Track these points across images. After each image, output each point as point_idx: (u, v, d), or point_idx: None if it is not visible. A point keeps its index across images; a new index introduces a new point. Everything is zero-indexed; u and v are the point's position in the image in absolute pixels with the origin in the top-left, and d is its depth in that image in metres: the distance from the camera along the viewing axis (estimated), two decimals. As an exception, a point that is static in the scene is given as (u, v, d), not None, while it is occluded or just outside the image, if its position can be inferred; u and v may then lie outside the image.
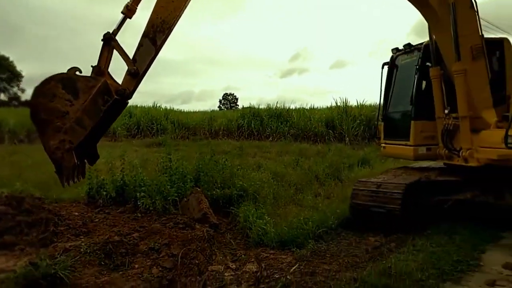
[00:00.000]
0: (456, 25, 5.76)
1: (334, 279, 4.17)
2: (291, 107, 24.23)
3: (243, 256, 5.15)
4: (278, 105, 24.06)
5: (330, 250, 5.16)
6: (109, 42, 4.30)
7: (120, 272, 4.31)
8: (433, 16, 6.18)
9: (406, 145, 6.87)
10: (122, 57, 4.41)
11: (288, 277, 4.12)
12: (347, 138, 19.88)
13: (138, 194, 6.44)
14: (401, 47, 7.57)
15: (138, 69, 4.35)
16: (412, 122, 6.77)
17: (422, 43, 7.00)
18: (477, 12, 6.10)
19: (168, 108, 26.59)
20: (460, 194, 6.15)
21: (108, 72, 4.44)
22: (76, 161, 4.10)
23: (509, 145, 5.23)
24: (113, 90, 4.17)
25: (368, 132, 19.52)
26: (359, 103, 22.16)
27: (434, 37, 6.52)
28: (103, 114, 4.16)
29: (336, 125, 20.95)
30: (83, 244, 4.56)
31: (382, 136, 7.85)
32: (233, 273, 4.55)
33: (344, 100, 22.04)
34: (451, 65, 6.07)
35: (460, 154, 6.01)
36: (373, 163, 11.86)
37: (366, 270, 4.28)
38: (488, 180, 6.00)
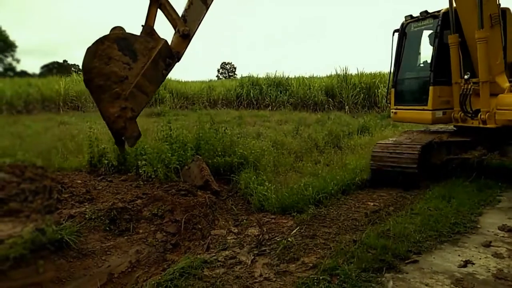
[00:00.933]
0: None
1: (334, 241, 4.27)
2: (290, 76, 24.01)
3: (244, 221, 5.26)
4: (277, 74, 23.82)
5: (330, 214, 5.26)
6: None
7: (125, 237, 4.41)
8: None
9: (423, 109, 7.11)
10: (169, 17, 4.03)
11: (289, 239, 4.22)
12: (347, 107, 19.82)
13: (139, 162, 6.47)
14: (415, 14, 7.55)
15: (189, 30, 4.06)
16: (431, 87, 6.98)
17: (439, 11, 7.08)
18: None
19: (167, 78, 26.31)
20: (469, 153, 6.78)
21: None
22: (139, 130, 3.85)
23: None
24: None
25: (367, 100, 19.44)
26: (359, 71, 21.95)
27: (454, 4, 6.63)
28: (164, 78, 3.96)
29: (335, 94, 20.84)
30: (87, 210, 4.63)
31: (392, 102, 7.96)
32: (236, 237, 4.66)
33: (344, 69, 21.81)
34: (472, 32, 6.35)
35: (479, 116, 6.43)
36: (372, 131, 11.89)
37: (365, 233, 4.37)
38: (495, 140, 6.61)
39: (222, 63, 65.63)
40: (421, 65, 7.77)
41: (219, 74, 61.18)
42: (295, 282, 3.30)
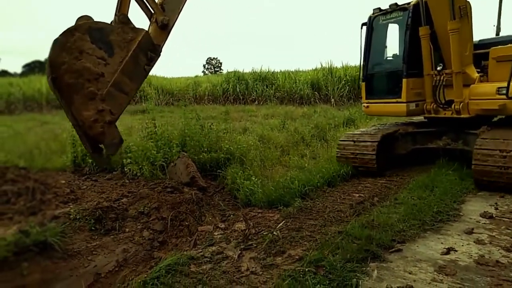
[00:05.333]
0: None
1: (320, 233, 4.32)
2: (276, 70, 24.01)
3: (232, 216, 5.28)
4: (263, 69, 23.79)
5: (316, 207, 5.31)
6: None
7: (111, 236, 4.38)
8: None
9: (397, 102, 7.20)
10: (144, 5, 3.63)
11: (274, 233, 4.25)
12: (333, 100, 19.94)
13: (124, 160, 6.41)
14: (383, 7, 7.61)
15: (169, 20, 3.69)
16: (404, 79, 7.05)
17: (408, 3, 7.16)
18: None
19: (151, 74, 25.98)
20: (434, 142, 7.11)
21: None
22: (120, 135, 3.48)
23: (510, 95, 5.88)
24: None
25: (353, 92, 19.60)
26: (344, 64, 22.08)
27: None
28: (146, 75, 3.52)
29: (321, 87, 20.94)
30: (72, 210, 4.58)
31: (364, 95, 8.03)
32: (222, 232, 4.67)
33: (329, 62, 21.92)
34: (443, 24, 6.46)
35: (453, 107, 6.62)
36: (357, 123, 12.01)
37: (350, 224, 4.43)
38: (460, 130, 6.84)
39: (207, 59, 65.28)
40: (390, 58, 7.85)
41: (204, 70, 60.83)
42: (282, 275, 3.33)
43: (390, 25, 7.65)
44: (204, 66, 63.62)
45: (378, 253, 3.72)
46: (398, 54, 7.54)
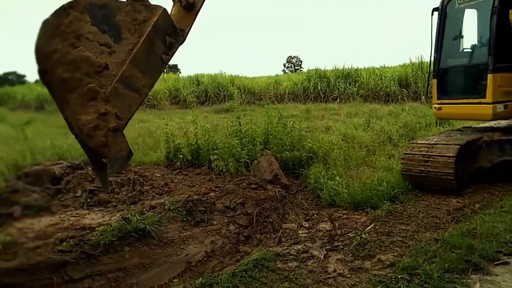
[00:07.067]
0: None
1: (413, 239, 4.04)
2: (359, 67, 23.11)
3: (315, 215, 5.20)
4: (346, 66, 23.08)
5: (407, 211, 4.97)
6: None
7: (201, 228, 4.62)
8: None
9: (480, 103, 5.94)
10: None
11: (363, 236, 4.08)
12: (423, 97, 18.50)
13: (211, 157, 6.74)
14: None
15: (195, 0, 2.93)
16: (490, 75, 5.78)
17: None
18: None
19: (234, 74, 26.91)
20: None
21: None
22: (128, 147, 2.66)
23: None
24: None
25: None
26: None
27: None
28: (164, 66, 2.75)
29: (410, 83, 19.58)
30: (166, 202, 4.93)
31: (435, 95, 6.74)
32: (307, 231, 4.63)
33: (420, 57, 20.39)
34: None
35: None
36: (452, 121, 10.97)
37: (448, 231, 4.06)
38: None
39: (288, 57, 65.30)
40: (469, 49, 6.58)
41: (285, 69, 61.05)
42: (372, 280, 3.18)
43: (467, 10, 6.40)
44: (284, 65, 63.89)
45: (481, 264, 3.36)
46: (479, 44, 6.33)
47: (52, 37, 2.37)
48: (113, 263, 3.74)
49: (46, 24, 2.37)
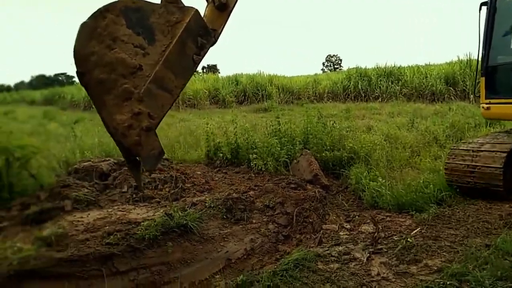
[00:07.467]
0: None
1: (462, 244, 3.83)
2: (402, 65, 22.30)
3: (357, 217, 5.08)
4: (388, 64, 22.36)
5: (456, 215, 4.72)
6: None
7: (240, 226, 4.65)
8: None
9: None
10: None
11: (409, 239, 3.92)
12: (471, 96, 17.54)
13: (251, 156, 6.78)
14: None
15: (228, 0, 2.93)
16: None
17: None
18: None
19: (272, 74, 26.89)
20: None
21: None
22: (161, 146, 2.74)
23: None
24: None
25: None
26: (486, 56, 19.17)
27: None
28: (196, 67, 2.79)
29: (457, 82, 18.61)
30: (207, 199, 5.01)
31: (483, 94, 6.25)
32: (348, 233, 4.52)
33: (468, 54, 19.33)
34: None
35: None
36: (504, 122, 10.29)
37: (500, 237, 3.81)
38: None
39: (327, 56, 64.54)
40: None
41: (324, 67, 60.24)
42: (418, 285, 3.05)
43: None
44: (323, 63, 63.13)
45: (540, 275, 3.12)
46: None
47: (90, 40, 2.48)
48: (157, 257, 3.86)
49: (83, 27, 2.47)
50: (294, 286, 3.16)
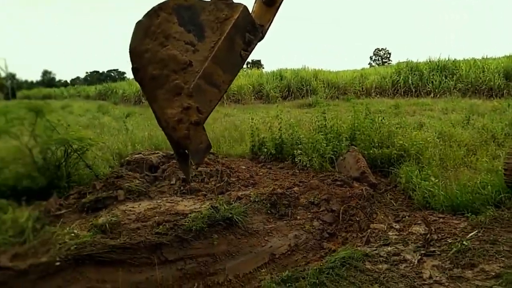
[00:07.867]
0: None
1: (523, 250, 3.55)
2: (457, 59, 21.03)
3: (407, 217, 4.87)
4: (441, 57, 21.19)
5: (517, 218, 4.39)
6: None
7: (285, 221, 4.64)
8: None
9: None
10: None
11: (464, 242, 3.70)
12: (535, 91, 16.22)
13: (295, 151, 6.73)
14: None
15: None
16: None
17: None
18: None
19: (317, 69, 26.45)
20: None
21: None
22: (208, 140, 2.80)
23: None
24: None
25: None
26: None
27: None
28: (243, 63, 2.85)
29: (518, 76, 17.29)
30: (252, 194, 5.05)
31: None
32: (398, 233, 4.35)
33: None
34: None
35: None
36: None
37: None
38: None
39: (375, 50, 62.45)
40: None
41: (371, 62, 58.32)
42: (474, 292, 2.87)
43: None
44: (371, 57, 61.14)
45: None
46: None
47: (144, 37, 2.60)
48: (203, 249, 3.95)
49: (139, 26, 2.60)
50: (340, 285, 3.10)
